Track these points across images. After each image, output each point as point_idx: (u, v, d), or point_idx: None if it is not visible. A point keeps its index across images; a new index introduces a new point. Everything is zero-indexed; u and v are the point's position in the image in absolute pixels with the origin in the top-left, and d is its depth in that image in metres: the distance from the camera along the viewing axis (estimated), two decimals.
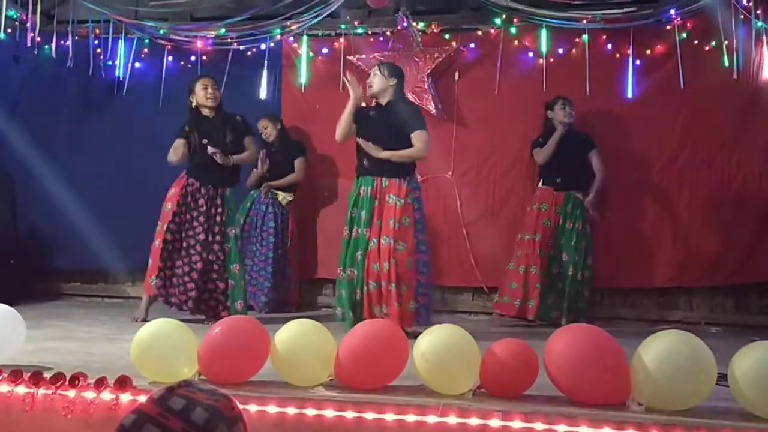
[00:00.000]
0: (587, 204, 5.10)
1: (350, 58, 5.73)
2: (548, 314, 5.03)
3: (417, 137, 4.33)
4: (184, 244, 4.63)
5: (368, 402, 2.32)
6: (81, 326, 4.44)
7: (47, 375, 2.55)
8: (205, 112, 4.75)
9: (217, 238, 4.64)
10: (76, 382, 2.45)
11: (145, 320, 4.43)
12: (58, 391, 2.46)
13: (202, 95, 4.71)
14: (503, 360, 2.40)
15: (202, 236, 4.61)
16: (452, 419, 2.23)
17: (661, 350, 2.27)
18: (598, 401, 2.32)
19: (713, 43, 5.19)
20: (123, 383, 2.41)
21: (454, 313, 5.49)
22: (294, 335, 2.53)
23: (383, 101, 4.46)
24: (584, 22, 5.27)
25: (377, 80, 4.44)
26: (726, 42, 5.02)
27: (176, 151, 4.71)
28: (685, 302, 5.44)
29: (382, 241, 4.19)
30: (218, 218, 4.66)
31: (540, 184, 5.19)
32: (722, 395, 2.34)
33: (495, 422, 2.20)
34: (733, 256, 5.24)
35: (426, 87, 5.54)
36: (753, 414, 2.23)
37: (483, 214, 5.63)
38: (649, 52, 5.40)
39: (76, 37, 5.79)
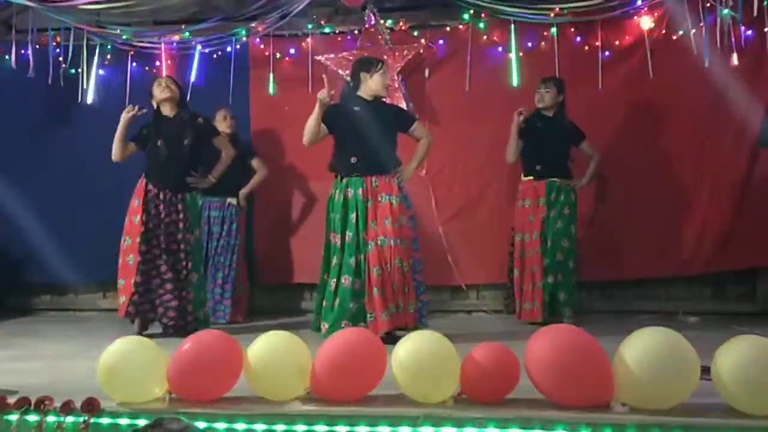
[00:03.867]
0: (577, 188, 4.97)
1: (318, 57, 5.66)
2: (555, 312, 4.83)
3: (420, 129, 4.37)
4: (155, 256, 4.48)
5: (347, 414, 2.25)
6: (50, 343, 4.32)
7: (11, 399, 2.45)
8: (165, 110, 4.61)
9: (181, 246, 4.50)
10: (42, 406, 2.35)
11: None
12: (24, 417, 2.36)
13: (157, 91, 4.60)
14: (483, 365, 2.34)
15: (170, 246, 4.48)
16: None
17: (642, 349, 2.23)
18: (581, 403, 2.27)
19: (681, 32, 5.20)
20: (90, 406, 2.31)
21: (433, 313, 5.40)
22: (267, 348, 2.45)
23: (370, 98, 4.30)
24: (552, 15, 5.27)
25: (385, 77, 4.30)
26: (693, 31, 5.02)
27: (117, 150, 4.59)
28: (662, 292, 5.46)
29: (380, 243, 4.04)
30: (180, 224, 4.52)
31: (522, 176, 5.03)
32: (706, 391, 2.31)
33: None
34: (708, 244, 5.27)
35: (396, 85, 5.48)
36: (737, 410, 2.21)
37: (458, 211, 5.60)
38: (617, 43, 5.42)
39: (37, 46, 5.65)
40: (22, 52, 5.61)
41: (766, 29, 5.06)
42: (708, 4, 4.95)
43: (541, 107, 4.97)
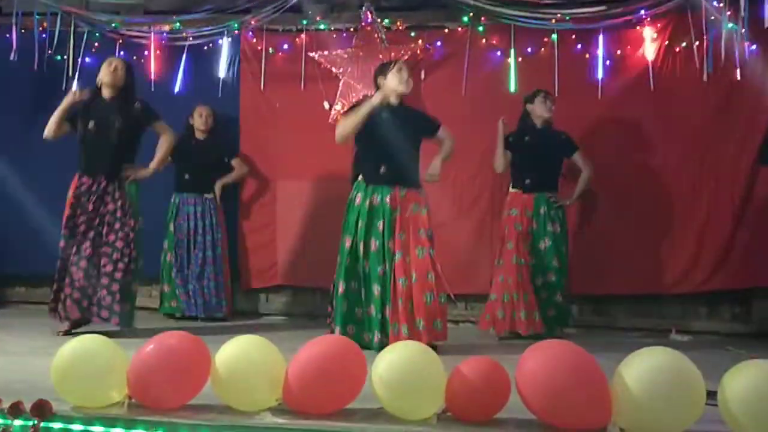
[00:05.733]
0: (564, 205, 4.88)
1: (312, 54, 5.52)
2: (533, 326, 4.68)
3: (444, 131, 4.30)
4: (87, 251, 4.27)
5: (320, 429, 2.09)
6: (16, 338, 4.14)
7: None
8: (105, 93, 4.41)
9: (119, 234, 4.29)
10: None
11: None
12: None
13: (103, 72, 4.38)
14: (471, 381, 2.17)
15: (107, 236, 4.29)
16: None
17: (644, 370, 2.06)
18: (576, 426, 2.11)
19: (684, 44, 5.10)
20: (41, 409, 2.13)
21: None
22: (237, 354, 2.27)
23: (396, 101, 4.20)
24: (553, 21, 5.17)
25: (410, 79, 4.21)
26: (697, 43, 4.92)
27: (50, 126, 4.40)
28: (656, 310, 5.33)
29: (417, 253, 3.94)
30: (118, 213, 4.32)
31: (510, 187, 4.95)
32: (710, 417, 2.15)
33: None
34: (705, 263, 5.16)
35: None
36: None
37: (450, 218, 5.45)
38: (619, 52, 5.31)
39: (22, 30, 5.50)
40: (6, 36, 5.44)
41: None
42: (712, 18, 4.84)
43: (548, 117, 4.86)
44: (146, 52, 5.64)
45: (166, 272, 5.30)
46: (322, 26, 5.57)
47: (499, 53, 5.42)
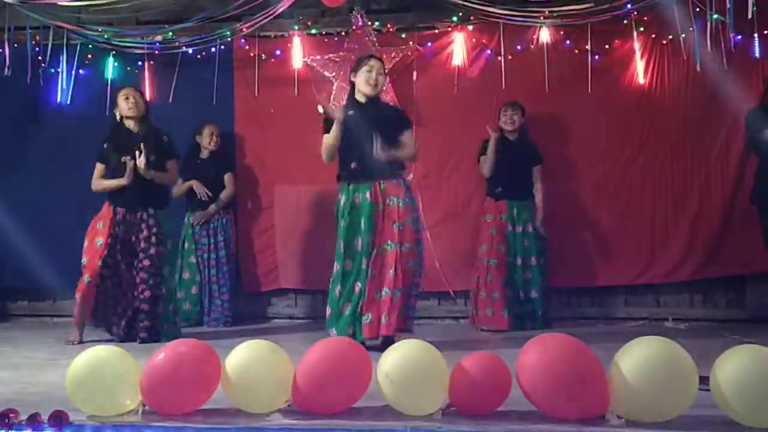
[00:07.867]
0: (538, 225, 5.08)
1: (304, 59, 5.56)
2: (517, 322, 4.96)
3: (408, 140, 4.15)
4: (119, 276, 4.44)
5: (330, 428, 2.14)
6: (23, 351, 4.17)
7: None
8: (129, 124, 4.54)
9: (145, 263, 4.43)
10: (6, 420, 2.22)
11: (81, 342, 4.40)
12: None
13: (124, 106, 4.52)
14: (473, 376, 2.24)
15: (138, 263, 4.43)
16: None
17: (639, 359, 2.13)
18: (576, 416, 2.18)
19: (670, 37, 5.16)
20: (58, 419, 2.18)
21: (420, 319, 5.31)
22: (246, 358, 2.33)
23: (363, 99, 4.15)
24: (541, 18, 5.20)
25: (382, 79, 4.17)
26: (683, 35, 4.98)
27: (99, 182, 4.55)
28: (651, 299, 5.40)
29: (387, 247, 3.93)
30: (148, 241, 4.45)
31: (486, 195, 5.17)
32: (704, 402, 2.22)
33: None
34: (698, 251, 5.22)
35: (384, 88, 5.38)
36: (737, 422, 2.12)
37: (446, 216, 5.51)
38: (607, 47, 5.36)
39: (15, 45, 5.51)
40: None
41: (755, 34, 5.04)
42: (698, 9, 4.90)
43: (510, 130, 5.08)
44: (139, 63, 5.68)
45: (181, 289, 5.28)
46: (313, 31, 5.61)
47: (489, 52, 5.48)
